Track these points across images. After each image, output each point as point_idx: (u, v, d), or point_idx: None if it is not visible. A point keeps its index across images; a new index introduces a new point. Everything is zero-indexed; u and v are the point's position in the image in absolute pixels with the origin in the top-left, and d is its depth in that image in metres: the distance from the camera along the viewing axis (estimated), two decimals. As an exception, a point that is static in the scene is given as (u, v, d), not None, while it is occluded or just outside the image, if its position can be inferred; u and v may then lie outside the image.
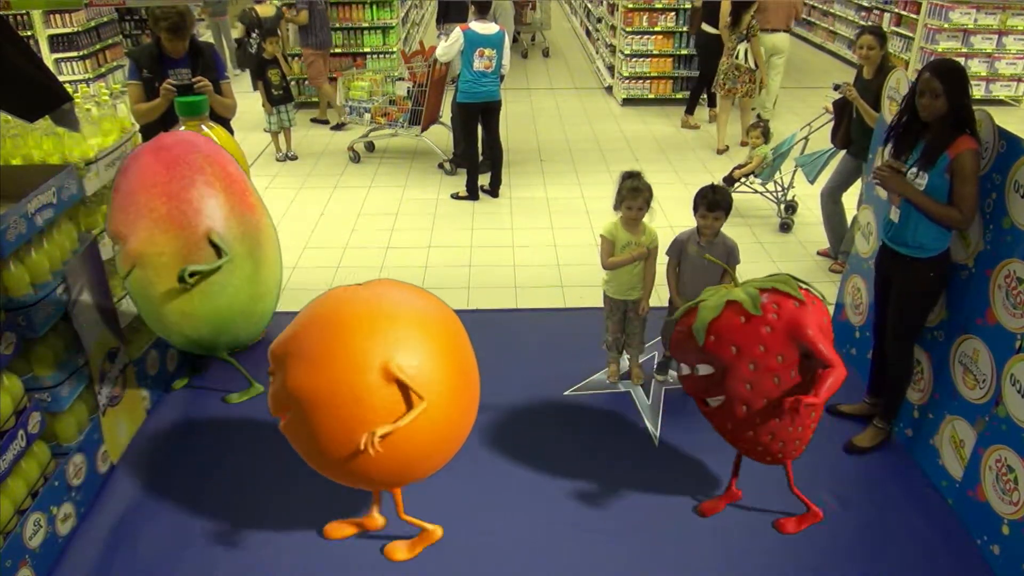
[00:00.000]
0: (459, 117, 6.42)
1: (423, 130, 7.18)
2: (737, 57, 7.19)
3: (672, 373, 3.90)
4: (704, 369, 2.68)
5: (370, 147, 7.59)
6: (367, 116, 7.31)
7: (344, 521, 2.97)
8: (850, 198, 5.16)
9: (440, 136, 7.48)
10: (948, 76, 2.88)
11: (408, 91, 7.09)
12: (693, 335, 2.66)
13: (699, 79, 8.39)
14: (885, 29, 10.13)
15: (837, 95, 4.86)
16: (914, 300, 3.17)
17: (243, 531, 2.98)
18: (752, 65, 7.21)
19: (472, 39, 5.89)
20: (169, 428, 3.58)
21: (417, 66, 6.97)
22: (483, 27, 5.93)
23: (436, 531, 2.91)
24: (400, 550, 2.87)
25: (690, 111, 8.45)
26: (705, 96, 8.63)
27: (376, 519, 2.96)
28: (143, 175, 3.09)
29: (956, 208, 2.91)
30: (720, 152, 7.55)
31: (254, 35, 7.59)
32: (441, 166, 7.08)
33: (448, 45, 6.03)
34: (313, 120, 8.48)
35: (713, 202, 3.39)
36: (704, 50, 8.02)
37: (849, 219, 5.18)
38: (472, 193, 6.41)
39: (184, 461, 3.37)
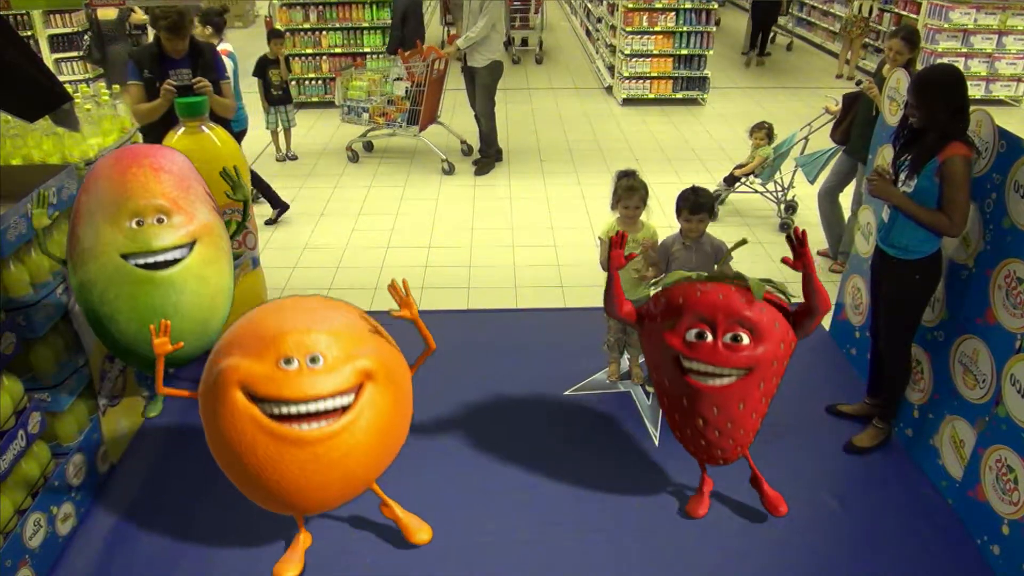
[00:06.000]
0: None
1: (421, 130, 7.19)
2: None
3: None
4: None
5: (368, 147, 7.59)
6: (365, 116, 7.32)
7: (287, 559, 2.83)
8: (844, 198, 5.17)
9: (439, 137, 7.48)
10: (922, 87, 2.88)
11: (406, 91, 7.10)
12: (748, 290, 2.56)
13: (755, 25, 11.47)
14: (885, 29, 10.16)
15: (838, 96, 4.87)
16: (902, 302, 3.17)
17: (242, 531, 2.98)
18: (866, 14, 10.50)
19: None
20: (169, 428, 3.58)
21: (415, 66, 6.98)
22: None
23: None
24: (422, 530, 2.89)
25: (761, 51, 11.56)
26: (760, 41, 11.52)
27: (306, 537, 2.89)
28: (188, 167, 3.10)
29: (945, 214, 2.90)
30: (838, 76, 10.65)
31: (87, 36, 7.70)
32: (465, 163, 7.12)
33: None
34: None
35: (696, 204, 3.35)
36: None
37: (846, 218, 5.19)
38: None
39: (184, 461, 3.36)
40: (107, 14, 7.74)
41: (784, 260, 2.66)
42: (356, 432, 2.30)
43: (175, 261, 2.90)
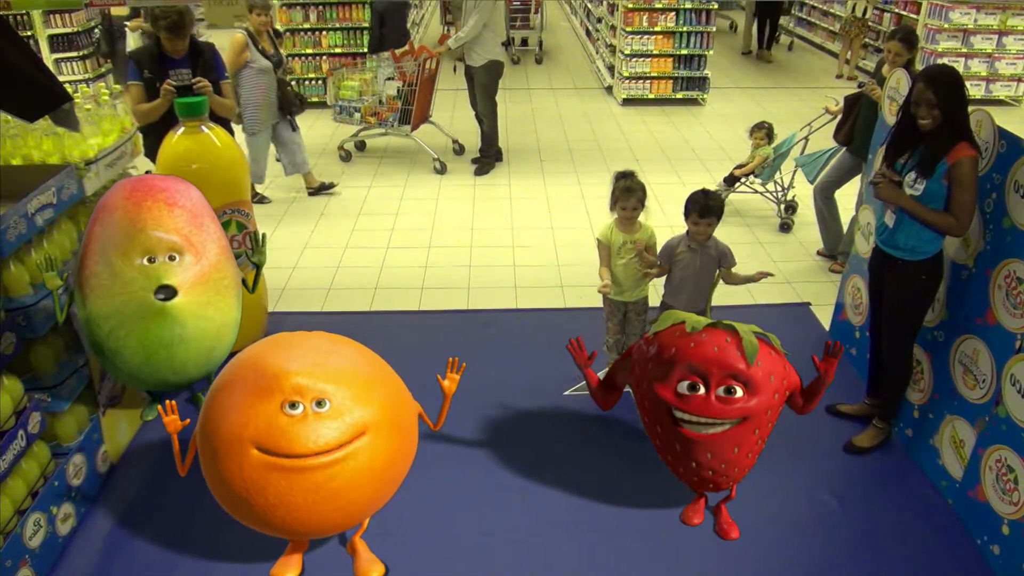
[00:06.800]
0: None
1: (413, 129, 7.21)
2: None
3: None
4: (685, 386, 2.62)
5: (360, 146, 7.61)
6: (357, 116, 7.32)
7: (284, 561, 2.83)
8: (845, 198, 5.17)
9: (432, 136, 7.48)
10: (942, 86, 2.85)
11: (398, 90, 7.11)
12: (740, 349, 2.57)
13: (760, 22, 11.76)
14: (885, 29, 10.16)
15: (838, 96, 4.87)
16: (906, 303, 3.17)
17: (242, 531, 2.97)
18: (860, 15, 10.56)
19: None
20: (169, 428, 3.58)
21: (406, 65, 6.99)
22: None
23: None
24: (374, 570, 2.80)
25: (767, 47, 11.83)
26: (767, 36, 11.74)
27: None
28: (202, 203, 3.09)
29: (952, 215, 2.89)
30: (838, 77, 10.72)
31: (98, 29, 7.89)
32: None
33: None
34: None
35: (706, 207, 3.34)
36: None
37: (845, 217, 5.19)
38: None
39: (184, 461, 3.37)
40: (120, 11, 7.75)
41: (813, 357, 2.75)
42: (352, 466, 2.29)
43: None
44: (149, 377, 3.03)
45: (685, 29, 9.01)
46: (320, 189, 6.46)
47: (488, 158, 7.13)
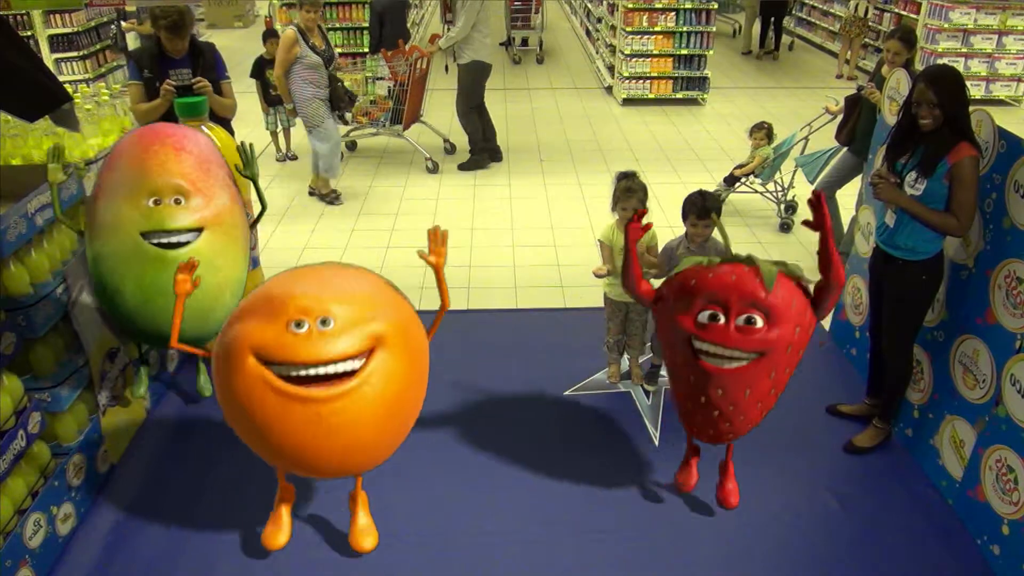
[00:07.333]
0: None
1: (405, 128, 7.23)
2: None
3: (663, 380, 3.89)
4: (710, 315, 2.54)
5: (351, 147, 7.63)
6: (348, 115, 7.33)
7: (272, 523, 2.83)
8: (845, 197, 5.18)
9: (424, 136, 7.48)
10: (943, 86, 2.84)
11: (389, 90, 7.12)
12: (758, 276, 2.51)
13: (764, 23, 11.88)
14: (884, 29, 10.16)
15: (838, 96, 4.87)
16: (907, 303, 3.16)
17: (243, 531, 2.98)
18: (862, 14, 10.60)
19: None
20: (169, 428, 3.58)
21: (397, 65, 6.99)
22: None
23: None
24: (368, 536, 2.82)
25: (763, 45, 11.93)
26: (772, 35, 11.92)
27: (287, 492, 2.88)
28: (211, 149, 3.12)
29: (954, 216, 2.89)
30: (838, 76, 10.75)
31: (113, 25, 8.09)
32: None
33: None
34: None
35: (704, 209, 3.34)
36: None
37: (845, 217, 5.19)
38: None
39: (184, 461, 3.37)
40: (133, 7, 7.78)
41: (804, 222, 2.62)
42: (364, 396, 2.27)
43: (188, 243, 2.94)
44: (145, 324, 3.05)
45: (685, 29, 9.01)
46: (325, 196, 6.41)
47: (474, 155, 7.17)
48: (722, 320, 2.52)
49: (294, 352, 2.21)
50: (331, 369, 2.24)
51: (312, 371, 2.23)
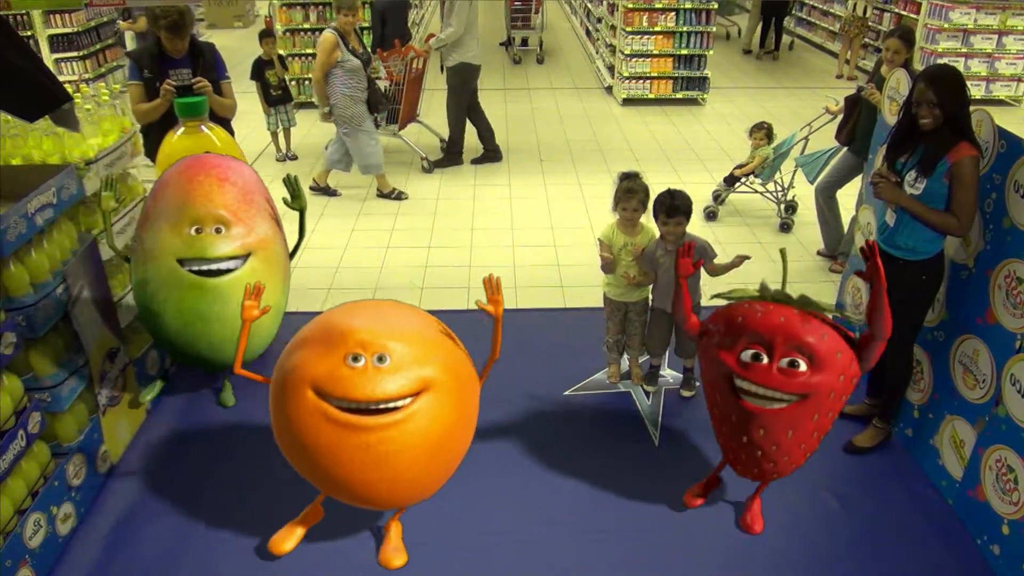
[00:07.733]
0: None
1: (400, 128, 7.23)
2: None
3: (663, 380, 3.89)
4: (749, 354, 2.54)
5: None
6: (379, 117, 7.34)
7: (286, 531, 2.88)
8: (846, 198, 5.17)
9: (419, 135, 7.47)
10: (943, 86, 2.84)
11: (385, 90, 7.12)
12: (811, 315, 2.51)
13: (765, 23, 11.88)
14: (884, 29, 10.16)
15: (838, 96, 4.87)
16: (907, 303, 3.16)
17: (243, 531, 2.98)
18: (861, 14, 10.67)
19: None
20: (169, 428, 3.58)
21: (393, 64, 7.00)
22: None
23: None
24: (398, 557, 2.85)
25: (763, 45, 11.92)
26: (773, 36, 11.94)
27: (318, 511, 2.93)
28: (255, 180, 3.30)
29: (954, 215, 2.89)
30: (838, 77, 10.74)
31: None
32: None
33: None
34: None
35: (672, 207, 3.35)
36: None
37: (845, 217, 5.19)
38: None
39: (184, 461, 3.37)
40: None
41: (856, 273, 2.64)
42: (410, 429, 2.34)
43: (229, 271, 3.09)
44: (185, 347, 3.24)
45: (685, 29, 9.01)
46: (326, 191, 6.50)
47: (450, 154, 7.20)
48: (765, 360, 2.52)
49: (350, 389, 2.29)
50: (382, 404, 2.32)
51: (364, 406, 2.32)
